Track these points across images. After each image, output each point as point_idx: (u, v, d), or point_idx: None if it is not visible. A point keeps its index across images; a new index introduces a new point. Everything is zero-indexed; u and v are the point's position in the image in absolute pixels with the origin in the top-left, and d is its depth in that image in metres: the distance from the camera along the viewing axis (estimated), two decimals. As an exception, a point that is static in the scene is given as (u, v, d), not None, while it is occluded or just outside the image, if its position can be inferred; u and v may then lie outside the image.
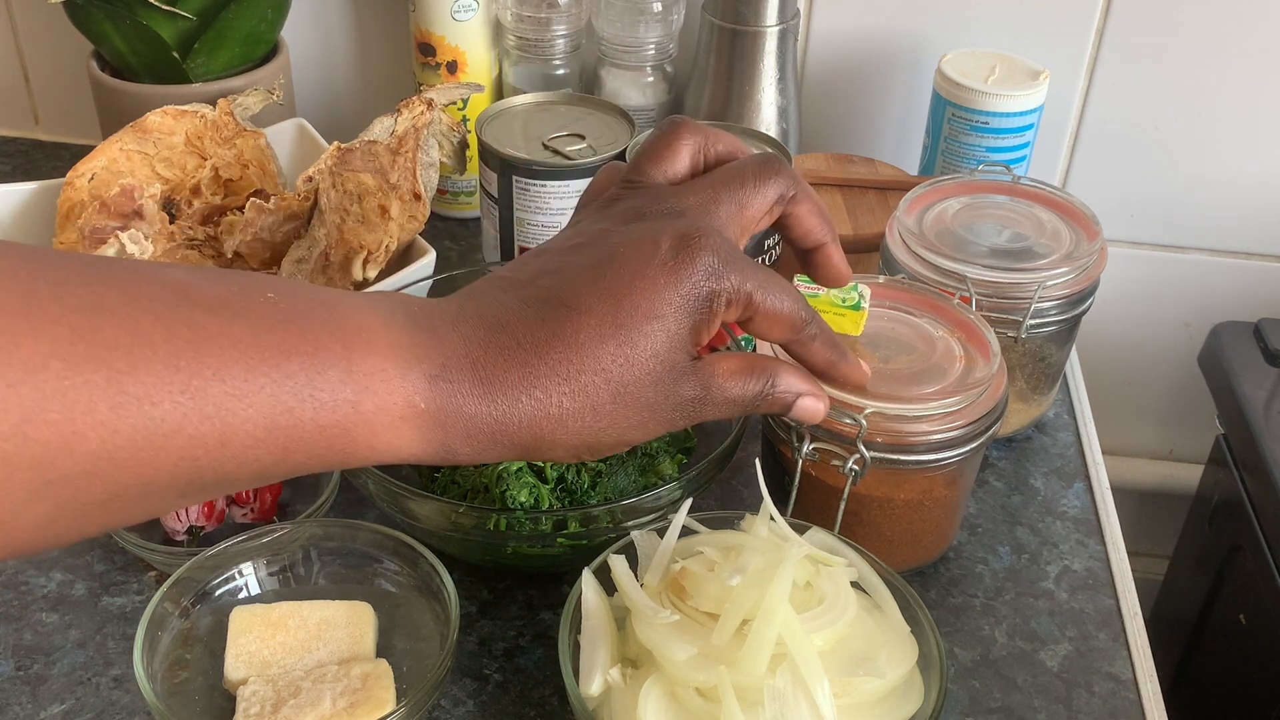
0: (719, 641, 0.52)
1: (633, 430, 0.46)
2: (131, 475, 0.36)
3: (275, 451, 0.38)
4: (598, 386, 0.44)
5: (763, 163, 0.51)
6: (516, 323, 0.44)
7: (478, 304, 0.45)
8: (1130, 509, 1.15)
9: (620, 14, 0.91)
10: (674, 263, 0.45)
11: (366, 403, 0.40)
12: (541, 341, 0.43)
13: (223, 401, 0.36)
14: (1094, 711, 0.63)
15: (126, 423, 0.35)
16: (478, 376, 0.42)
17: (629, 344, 0.44)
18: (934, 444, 0.61)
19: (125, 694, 0.61)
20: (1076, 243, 0.74)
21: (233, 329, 0.37)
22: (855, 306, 0.62)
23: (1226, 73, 0.95)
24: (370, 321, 0.41)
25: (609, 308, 0.44)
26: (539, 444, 0.44)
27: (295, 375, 0.38)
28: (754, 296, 0.46)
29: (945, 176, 0.81)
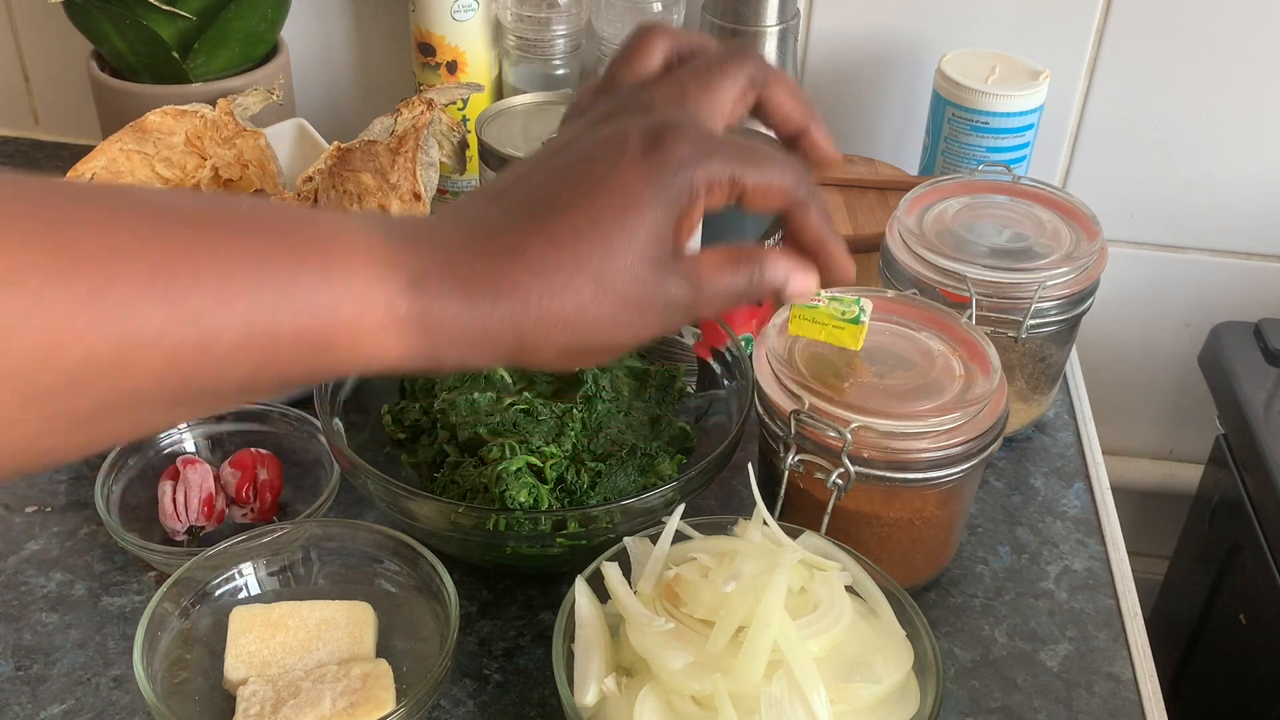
0: (714, 649, 0.51)
1: (621, 330, 0.45)
2: (117, 386, 0.36)
3: (256, 359, 0.38)
4: (579, 285, 0.43)
5: (729, 50, 0.50)
6: (493, 226, 0.44)
7: (454, 213, 0.45)
8: (1130, 509, 1.15)
9: (620, 14, 0.91)
10: (644, 157, 0.44)
11: (345, 308, 0.40)
12: (518, 242, 0.43)
13: (202, 308, 0.37)
14: (1094, 711, 0.63)
15: (108, 332, 0.35)
16: (457, 278, 0.42)
17: (606, 239, 0.43)
18: (924, 462, 0.61)
19: (125, 694, 0.61)
20: (1076, 243, 0.74)
21: (210, 238, 0.38)
22: (855, 320, 0.62)
23: (1226, 73, 0.95)
24: (347, 232, 0.41)
25: (584, 207, 0.43)
26: (523, 345, 0.43)
27: (272, 281, 0.38)
28: (736, 176, 0.45)
29: (945, 176, 0.81)
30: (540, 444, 0.65)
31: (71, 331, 0.34)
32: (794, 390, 0.62)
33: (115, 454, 0.70)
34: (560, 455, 0.65)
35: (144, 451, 0.72)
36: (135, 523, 0.70)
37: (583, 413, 0.67)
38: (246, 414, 0.74)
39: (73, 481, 0.74)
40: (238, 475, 0.70)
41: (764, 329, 0.67)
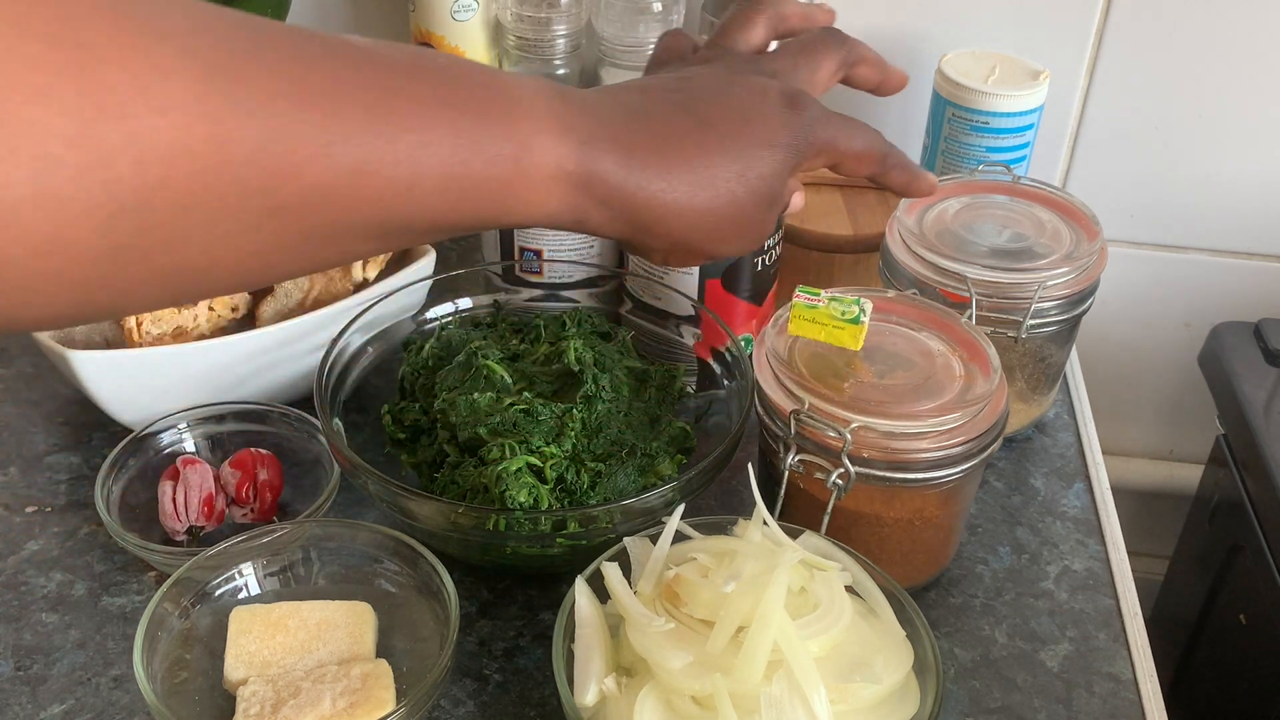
0: (714, 649, 0.51)
1: (723, 242, 0.53)
2: (335, 212, 0.40)
3: (451, 199, 0.43)
4: (715, 189, 0.50)
5: (825, 36, 0.60)
6: (654, 114, 0.50)
7: (616, 94, 0.51)
8: (1130, 509, 1.15)
9: (620, 14, 0.91)
10: (783, 110, 0.53)
11: (525, 159, 0.45)
12: (676, 135, 0.50)
13: (411, 148, 0.41)
14: (1094, 711, 0.63)
15: (336, 160, 0.39)
16: (620, 150, 0.48)
17: (746, 162, 0.51)
18: (925, 462, 0.61)
19: (125, 694, 0.61)
20: (1076, 243, 0.74)
21: (416, 87, 0.42)
22: (855, 320, 0.62)
23: (1226, 73, 0.95)
24: (527, 92, 0.46)
25: (733, 127, 0.51)
26: (653, 225, 0.50)
27: (469, 130, 0.43)
28: (838, 145, 0.55)
29: (945, 176, 0.81)
30: (540, 444, 0.65)
31: (307, 155, 0.38)
32: (794, 390, 0.62)
33: (115, 454, 0.70)
34: (560, 455, 0.65)
35: (144, 451, 0.72)
36: (135, 523, 0.70)
37: (583, 413, 0.67)
38: (246, 414, 0.74)
39: (73, 481, 0.74)
40: (238, 475, 0.70)
41: (764, 329, 0.67)
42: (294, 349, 0.74)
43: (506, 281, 0.81)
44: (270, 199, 0.38)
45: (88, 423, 0.78)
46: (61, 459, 0.76)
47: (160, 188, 0.35)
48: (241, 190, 0.37)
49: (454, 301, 0.78)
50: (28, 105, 0.32)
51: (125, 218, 0.35)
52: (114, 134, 0.34)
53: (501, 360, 0.70)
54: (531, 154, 0.45)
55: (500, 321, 0.77)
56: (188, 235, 0.37)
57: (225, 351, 0.71)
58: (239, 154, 0.37)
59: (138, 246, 0.36)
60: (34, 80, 0.32)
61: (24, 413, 0.79)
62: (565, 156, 0.46)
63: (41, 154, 0.32)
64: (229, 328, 0.75)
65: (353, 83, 0.40)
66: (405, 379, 0.73)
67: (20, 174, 0.32)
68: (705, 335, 0.75)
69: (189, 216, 0.37)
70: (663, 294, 0.76)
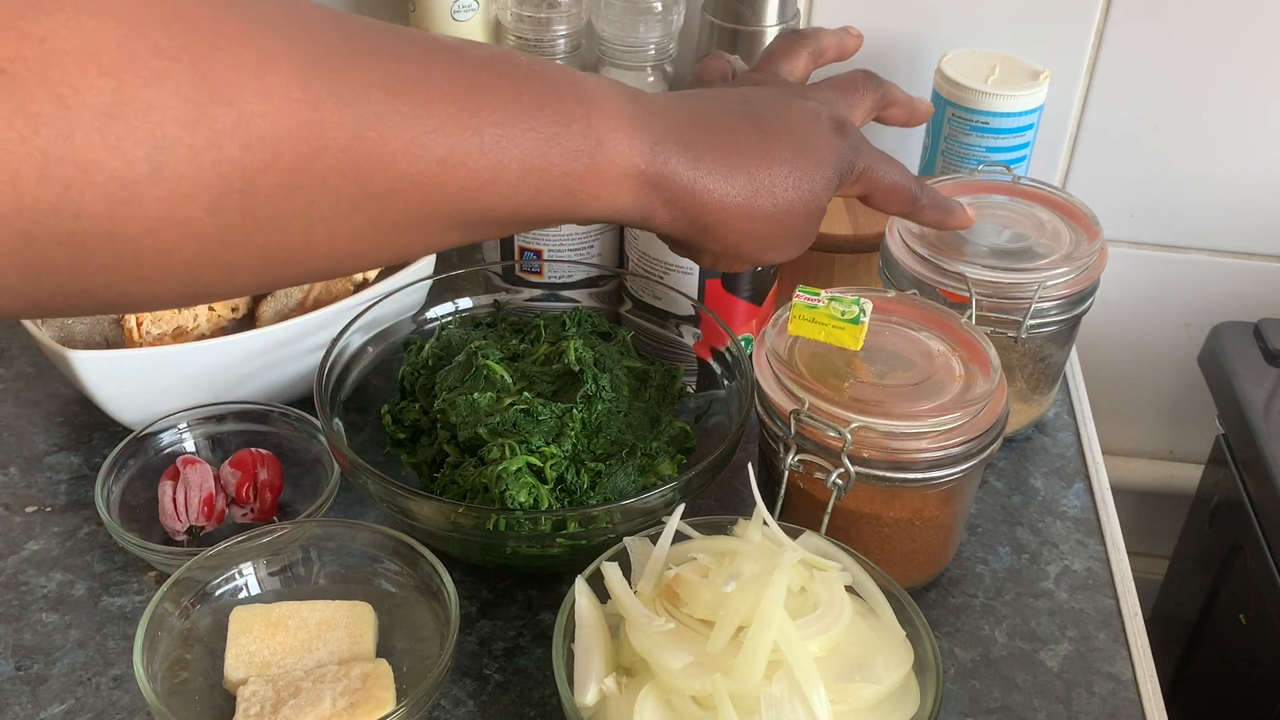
0: (714, 649, 0.51)
1: (772, 250, 0.56)
2: (423, 200, 0.42)
3: (530, 191, 0.45)
4: (773, 198, 0.53)
5: (863, 78, 0.64)
6: (721, 122, 0.53)
7: (684, 100, 0.54)
8: (1130, 509, 1.15)
9: (620, 14, 0.91)
10: (832, 133, 0.56)
11: (600, 155, 0.47)
12: (741, 144, 0.53)
13: (495, 141, 0.43)
14: (1094, 711, 0.63)
15: (426, 150, 0.41)
16: (689, 153, 0.50)
17: (801, 174, 0.54)
18: (925, 462, 0.60)
19: (125, 694, 0.61)
20: (1076, 243, 0.74)
21: (499, 82, 0.44)
22: (855, 320, 0.62)
23: (1226, 73, 0.95)
24: (602, 93, 0.48)
25: (792, 142, 0.54)
26: (713, 227, 0.53)
27: (548, 125, 0.45)
28: (875, 175, 0.59)
29: (945, 176, 0.81)
30: (540, 444, 0.65)
31: (399, 145, 0.40)
32: (794, 390, 0.62)
33: (115, 454, 0.70)
34: (560, 455, 0.65)
35: (144, 451, 0.72)
36: (135, 523, 0.70)
37: (583, 413, 0.67)
38: (246, 414, 0.74)
39: (73, 481, 0.74)
40: (238, 475, 0.70)
41: (764, 329, 0.67)
42: (294, 349, 0.74)
43: (506, 281, 0.81)
44: (365, 186, 0.40)
45: (88, 423, 0.78)
46: (61, 459, 0.76)
47: (266, 170, 0.37)
48: (339, 175, 0.39)
49: (454, 301, 0.78)
50: (147, 89, 0.34)
51: (233, 198, 0.37)
52: (225, 117, 0.36)
53: (501, 360, 0.70)
54: (606, 151, 0.48)
55: (500, 321, 0.77)
56: (289, 217, 0.39)
57: (225, 351, 0.71)
58: (338, 140, 0.39)
59: (243, 227, 0.38)
60: (153, 65, 0.34)
61: (24, 413, 0.79)
62: (638, 155, 0.49)
63: (159, 134, 0.34)
64: (229, 328, 0.75)
65: (441, 77, 0.42)
66: (405, 379, 0.73)
67: (139, 152, 0.34)
68: (705, 335, 0.75)
69: (291, 199, 0.38)
70: (663, 294, 0.76)
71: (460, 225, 0.45)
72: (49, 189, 0.33)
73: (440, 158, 0.42)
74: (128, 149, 0.34)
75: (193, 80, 0.35)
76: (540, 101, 0.45)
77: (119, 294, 0.38)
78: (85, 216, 0.34)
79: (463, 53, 0.44)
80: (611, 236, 0.81)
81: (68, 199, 0.34)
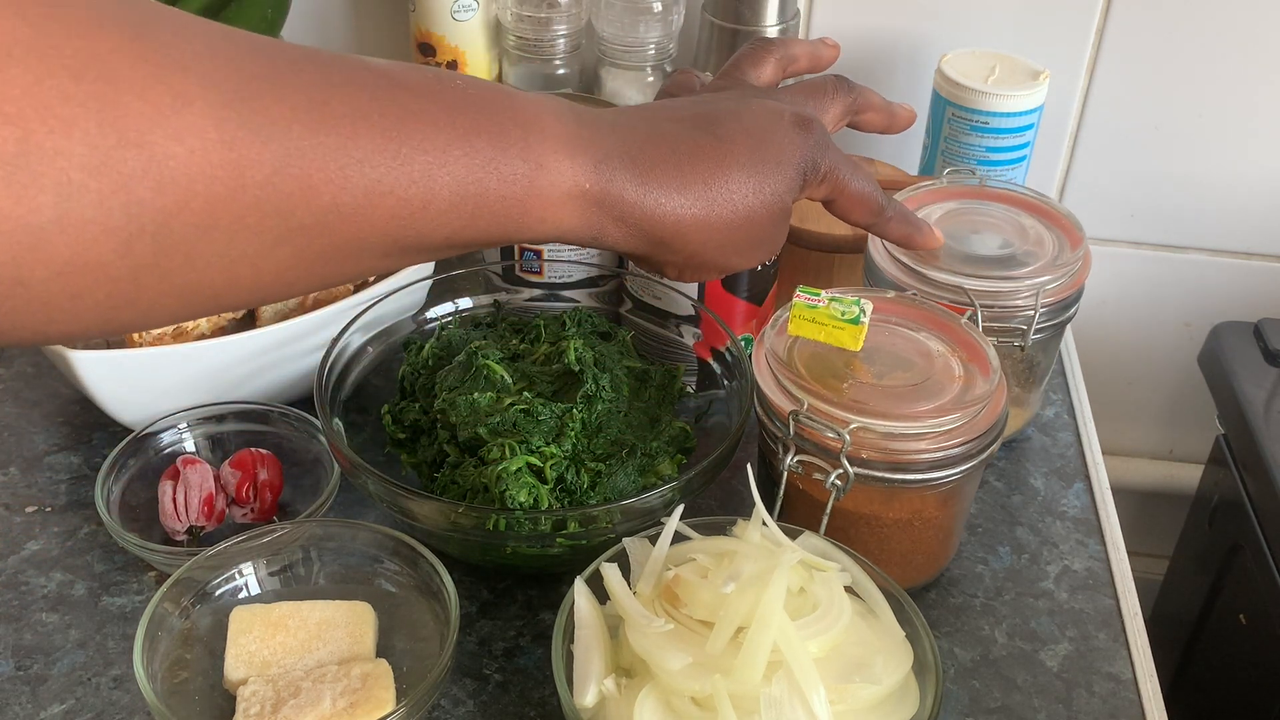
0: (714, 650, 0.51)
1: (737, 257, 0.54)
2: (351, 230, 0.42)
3: (464, 217, 0.45)
4: (731, 205, 0.52)
5: (835, 81, 0.62)
6: (670, 134, 0.52)
7: (632, 115, 0.53)
8: (1130, 509, 1.15)
9: (620, 14, 0.91)
10: (795, 130, 0.54)
11: (540, 179, 0.47)
12: (692, 154, 0.51)
13: (425, 169, 0.43)
14: (1094, 711, 0.63)
15: (351, 181, 0.41)
16: (636, 169, 0.49)
17: (760, 178, 0.52)
18: (924, 463, 0.60)
19: (125, 694, 0.61)
20: (1060, 248, 0.73)
21: (432, 109, 0.44)
22: (855, 321, 0.62)
23: (1226, 73, 0.95)
24: (544, 114, 0.48)
25: (748, 145, 0.53)
26: (670, 240, 0.51)
27: (483, 151, 0.45)
28: (841, 177, 0.57)
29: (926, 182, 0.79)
30: (540, 444, 0.65)
31: (323, 178, 0.40)
32: (793, 391, 0.62)
33: (115, 454, 0.70)
34: (560, 455, 0.65)
35: (144, 451, 0.72)
36: (135, 523, 0.70)
37: (583, 413, 0.67)
38: (246, 414, 0.74)
39: (73, 481, 0.74)
40: (238, 475, 0.70)
41: (764, 329, 0.67)
42: (294, 349, 0.74)
43: (506, 281, 0.81)
44: (287, 220, 0.40)
45: (88, 423, 0.78)
46: (61, 459, 0.76)
47: (179, 211, 0.37)
48: (259, 212, 0.39)
49: (454, 301, 0.78)
50: (52, 136, 0.33)
51: (145, 239, 0.37)
52: (133, 160, 0.35)
53: (501, 360, 0.70)
54: (547, 173, 0.47)
55: (500, 321, 0.77)
56: (207, 255, 0.39)
57: (225, 351, 0.72)
58: (256, 178, 0.38)
59: (158, 266, 0.38)
60: (59, 112, 0.33)
61: (24, 413, 0.79)
62: (581, 175, 0.48)
63: (65, 180, 0.34)
64: (229, 328, 0.75)
65: (369, 106, 0.41)
66: (405, 379, 0.73)
67: (44, 199, 0.34)
68: (705, 335, 0.75)
69: (208, 237, 0.38)
70: (663, 294, 0.76)
71: (394, 252, 0.44)
72: None
73: (366, 189, 0.41)
74: (32, 196, 0.33)
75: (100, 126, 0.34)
76: (475, 127, 0.45)
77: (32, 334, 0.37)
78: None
79: (396, 79, 0.44)
80: (611, 236, 0.81)
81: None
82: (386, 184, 0.42)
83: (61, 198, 0.34)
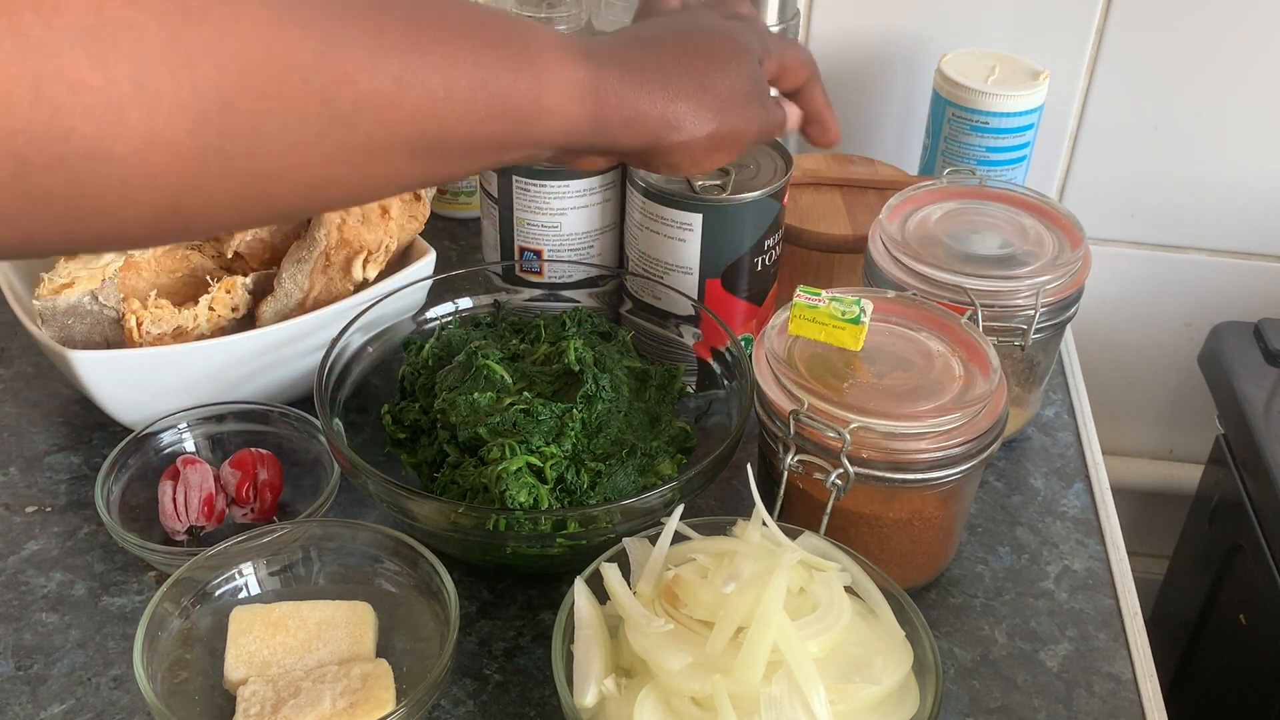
0: (714, 650, 0.51)
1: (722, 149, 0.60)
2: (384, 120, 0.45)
3: (481, 110, 0.49)
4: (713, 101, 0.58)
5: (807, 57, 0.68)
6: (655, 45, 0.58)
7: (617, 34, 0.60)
8: (1130, 509, 1.15)
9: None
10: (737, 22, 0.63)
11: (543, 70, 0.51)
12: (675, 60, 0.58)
13: (445, 59, 0.47)
14: (1094, 711, 0.63)
15: (381, 69, 0.44)
16: (624, 67, 0.55)
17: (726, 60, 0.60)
18: (924, 463, 0.60)
19: (125, 694, 0.61)
20: (1060, 248, 0.73)
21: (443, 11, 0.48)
22: (855, 320, 0.62)
23: (1226, 73, 0.95)
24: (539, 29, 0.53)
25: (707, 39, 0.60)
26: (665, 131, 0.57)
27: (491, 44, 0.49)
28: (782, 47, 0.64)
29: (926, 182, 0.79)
30: (540, 444, 0.65)
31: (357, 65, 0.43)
32: (793, 390, 0.62)
33: (115, 454, 0.70)
34: (560, 455, 0.65)
35: (144, 451, 0.72)
36: (135, 523, 0.70)
37: (583, 413, 0.67)
38: (246, 414, 0.74)
39: (73, 481, 0.74)
40: (238, 475, 0.70)
41: (764, 329, 0.67)
42: (294, 349, 0.74)
43: (506, 281, 0.81)
44: (330, 107, 0.43)
45: (88, 423, 0.78)
46: (61, 459, 0.76)
47: (240, 90, 0.39)
48: (306, 96, 0.41)
49: (454, 301, 0.78)
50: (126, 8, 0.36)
51: (212, 118, 0.39)
52: (197, 37, 0.38)
53: (501, 360, 0.70)
54: (547, 64, 0.51)
55: (500, 321, 0.77)
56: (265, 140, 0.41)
57: (225, 351, 0.72)
58: (303, 60, 0.41)
59: (223, 149, 0.40)
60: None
61: (24, 413, 0.79)
62: (575, 66, 0.53)
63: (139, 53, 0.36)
64: (229, 328, 0.75)
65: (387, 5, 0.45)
66: (405, 379, 0.73)
67: (122, 70, 0.36)
68: (705, 335, 0.75)
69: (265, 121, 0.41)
70: (663, 294, 0.76)
71: (422, 152, 0.48)
72: (41, 111, 0.35)
73: (395, 77, 0.44)
74: (111, 66, 0.35)
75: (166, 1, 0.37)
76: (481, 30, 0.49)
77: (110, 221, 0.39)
78: (75, 138, 0.36)
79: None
80: (612, 236, 0.81)
81: (58, 120, 0.35)
82: (411, 73, 0.45)
83: (136, 69, 0.36)
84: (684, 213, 0.73)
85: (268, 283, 0.76)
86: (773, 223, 0.75)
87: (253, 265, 0.79)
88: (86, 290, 0.72)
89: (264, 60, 0.40)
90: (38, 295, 0.71)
